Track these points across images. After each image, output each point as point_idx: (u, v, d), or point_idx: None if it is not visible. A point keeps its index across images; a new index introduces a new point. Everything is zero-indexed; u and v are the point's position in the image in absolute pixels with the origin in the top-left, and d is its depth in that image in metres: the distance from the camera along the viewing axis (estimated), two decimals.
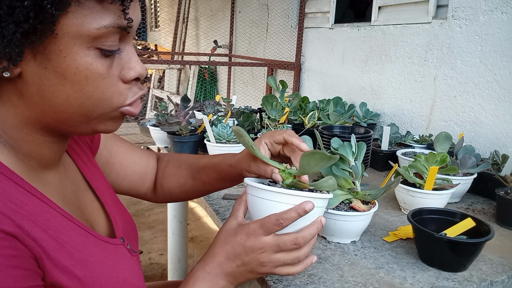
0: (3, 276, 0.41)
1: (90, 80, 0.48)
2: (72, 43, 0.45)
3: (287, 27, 2.81)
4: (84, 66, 0.47)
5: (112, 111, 0.52)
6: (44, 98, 0.48)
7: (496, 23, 1.39)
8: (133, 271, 0.61)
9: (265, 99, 1.63)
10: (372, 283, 0.74)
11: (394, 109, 1.84)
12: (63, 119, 0.50)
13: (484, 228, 0.80)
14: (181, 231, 1.89)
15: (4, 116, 0.49)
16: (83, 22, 0.45)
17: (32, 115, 0.49)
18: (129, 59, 0.51)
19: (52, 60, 0.46)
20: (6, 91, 0.48)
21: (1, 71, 0.45)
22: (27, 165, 0.51)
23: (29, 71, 0.46)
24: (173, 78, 5.14)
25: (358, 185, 0.88)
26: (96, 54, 0.47)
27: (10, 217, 0.43)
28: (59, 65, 0.46)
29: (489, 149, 1.42)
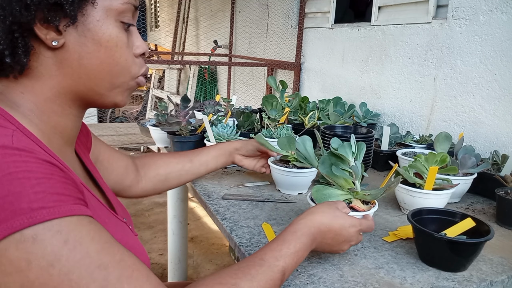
0: (59, 187, 0.47)
1: (119, 48, 0.58)
2: (105, 15, 0.56)
3: (287, 27, 2.81)
4: (115, 34, 0.58)
5: (130, 79, 0.62)
6: (82, 64, 0.57)
7: (496, 23, 1.39)
8: (137, 242, 0.67)
9: (265, 99, 1.63)
10: (372, 283, 0.74)
11: (394, 109, 1.84)
12: (94, 85, 0.59)
13: (484, 228, 0.80)
14: (181, 231, 1.89)
15: (39, 90, 0.56)
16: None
17: (67, 84, 0.57)
18: (136, 38, 0.63)
19: (91, 29, 0.56)
20: (45, 65, 0.56)
21: (50, 41, 0.53)
22: (51, 139, 0.58)
23: (72, 40, 0.55)
24: (173, 78, 5.14)
25: (358, 185, 0.88)
26: (120, 27, 0.59)
27: (52, 157, 0.50)
28: (96, 33, 0.56)
29: (489, 149, 1.42)
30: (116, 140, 2.91)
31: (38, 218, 0.43)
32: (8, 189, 0.43)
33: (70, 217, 0.46)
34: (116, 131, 3.15)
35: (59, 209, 0.45)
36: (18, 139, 0.48)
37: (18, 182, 0.44)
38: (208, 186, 1.19)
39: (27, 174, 0.44)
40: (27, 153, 0.46)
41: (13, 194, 0.43)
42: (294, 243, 0.66)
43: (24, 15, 0.51)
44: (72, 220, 0.46)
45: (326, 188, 0.87)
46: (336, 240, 0.73)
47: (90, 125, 3.41)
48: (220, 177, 1.29)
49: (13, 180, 0.43)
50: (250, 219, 0.98)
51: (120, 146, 3.02)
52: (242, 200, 1.09)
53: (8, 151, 0.45)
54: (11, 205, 0.43)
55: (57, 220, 0.45)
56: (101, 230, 0.50)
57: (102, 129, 3.22)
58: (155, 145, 3.06)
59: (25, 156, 0.46)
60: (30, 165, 0.45)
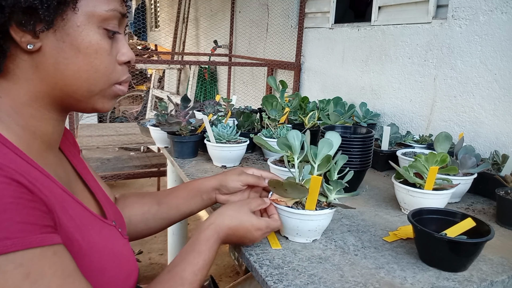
0: (26, 214, 0.45)
1: (99, 55, 0.57)
2: (87, 20, 0.55)
3: (287, 27, 2.81)
4: (95, 41, 0.56)
5: (109, 86, 0.60)
6: (58, 70, 0.55)
7: (496, 23, 1.39)
8: (126, 247, 0.66)
9: (265, 99, 1.63)
10: (372, 283, 0.74)
11: (394, 109, 1.84)
12: (71, 92, 0.57)
13: (484, 228, 0.80)
14: (181, 231, 1.89)
15: (16, 94, 0.55)
16: (97, 4, 0.55)
17: (44, 88, 0.56)
18: (122, 45, 0.61)
19: (70, 34, 0.54)
20: (21, 68, 0.54)
21: (25, 44, 0.52)
22: (31, 144, 0.56)
23: (49, 44, 0.53)
24: (173, 78, 5.14)
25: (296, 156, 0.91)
26: (103, 34, 0.57)
27: (22, 174, 0.48)
28: (76, 39, 0.54)
29: (489, 149, 1.42)
30: (116, 140, 2.91)
31: (1, 249, 0.42)
32: None
33: (34, 249, 0.45)
34: (116, 131, 3.15)
35: (23, 240, 0.44)
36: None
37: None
38: None
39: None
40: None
41: None
42: (209, 253, 0.72)
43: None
44: (35, 253, 0.45)
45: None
46: (241, 240, 0.80)
47: (90, 125, 3.41)
48: None
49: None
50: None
51: (120, 146, 3.02)
52: None
53: None
54: None
55: (20, 252, 0.44)
56: (65, 262, 0.49)
57: (102, 129, 3.22)
58: (155, 145, 3.06)
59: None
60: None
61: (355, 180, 1.20)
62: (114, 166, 2.73)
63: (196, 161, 1.44)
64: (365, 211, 1.07)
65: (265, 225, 0.80)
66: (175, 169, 1.48)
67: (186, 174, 1.30)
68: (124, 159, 2.88)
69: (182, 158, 1.46)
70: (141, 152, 3.35)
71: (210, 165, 1.40)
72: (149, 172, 2.77)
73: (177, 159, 1.45)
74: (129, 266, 0.64)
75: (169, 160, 1.55)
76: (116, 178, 2.63)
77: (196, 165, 1.40)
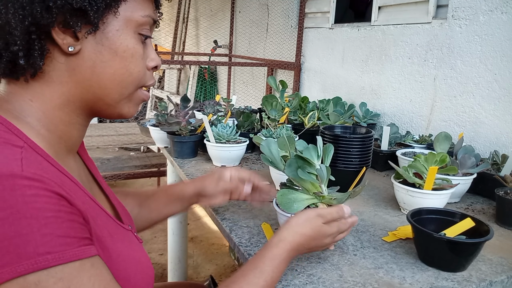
0: (66, 227, 0.46)
1: (134, 59, 0.58)
2: (125, 25, 0.56)
3: (287, 27, 2.81)
4: (132, 45, 0.57)
5: (136, 90, 0.61)
6: (95, 73, 0.56)
7: (496, 23, 1.39)
8: (144, 253, 0.66)
9: (265, 99, 1.63)
10: (371, 283, 0.74)
11: (394, 109, 1.84)
12: (103, 96, 0.58)
13: (484, 228, 0.80)
14: (181, 231, 1.89)
15: (48, 97, 0.55)
16: (134, 10, 0.57)
17: (77, 92, 0.56)
18: (151, 51, 0.62)
19: (109, 38, 0.55)
20: (57, 71, 0.55)
21: (67, 46, 0.53)
22: (56, 149, 0.56)
23: (88, 47, 0.54)
24: (173, 78, 5.14)
25: (325, 188, 0.84)
26: (138, 38, 0.59)
27: (60, 186, 0.48)
28: (114, 43, 0.56)
29: (489, 149, 1.42)
30: (116, 140, 2.91)
31: (43, 264, 0.43)
32: (15, 230, 0.42)
33: (74, 262, 0.46)
34: (116, 131, 3.15)
35: (64, 254, 0.45)
36: (28, 163, 0.46)
37: (26, 223, 0.43)
38: None
39: (36, 212, 0.44)
40: (37, 184, 0.45)
41: (20, 236, 0.42)
42: (272, 273, 0.65)
43: (45, 17, 0.50)
44: (75, 266, 0.46)
45: (292, 192, 0.83)
46: (311, 250, 0.74)
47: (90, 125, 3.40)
48: None
49: (21, 219, 0.43)
50: (250, 219, 0.98)
51: (120, 146, 3.02)
52: (242, 200, 1.09)
53: (18, 181, 0.44)
54: (17, 248, 0.42)
55: (60, 267, 0.45)
56: (102, 274, 0.50)
57: (102, 129, 3.22)
58: (155, 145, 3.06)
59: (35, 188, 0.45)
60: (39, 200, 0.44)
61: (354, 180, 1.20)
62: (114, 166, 2.73)
63: (196, 161, 1.44)
64: (364, 211, 1.07)
65: (335, 230, 0.74)
66: (175, 169, 1.48)
67: (186, 174, 1.30)
68: (124, 159, 2.88)
69: (182, 158, 1.46)
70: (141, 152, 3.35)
71: (210, 165, 1.40)
72: (149, 172, 2.77)
73: (177, 159, 1.45)
74: (149, 271, 0.64)
75: (169, 160, 1.55)
76: (116, 178, 2.63)
77: (196, 165, 1.40)
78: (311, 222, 0.71)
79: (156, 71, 0.65)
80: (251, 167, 1.41)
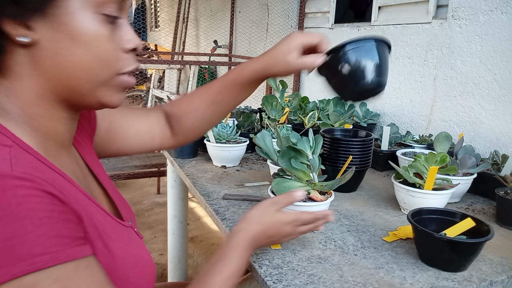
0: (60, 227, 0.45)
1: (98, 41, 0.52)
2: (81, 6, 0.50)
3: (287, 27, 2.81)
4: (93, 28, 0.51)
5: (114, 76, 0.55)
6: (57, 62, 0.51)
7: (496, 23, 1.39)
8: (144, 250, 0.65)
9: (265, 99, 1.63)
10: (371, 283, 0.74)
11: (394, 109, 1.84)
12: (74, 86, 0.53)
13: (484, 228, 0.80)
14: (181, 231, 1.89)
15: (19, 92, 0.52)
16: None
17: (46, 84, 0.52)
18: (126, 31, 0.56)
19: (65, 23, 0.50)
20: (20, 64, 0.51)
21: (19, 37, 0.48)
22: (45, 146, 0.54)
23: (45, 36, 0.50)
24: (173, 78, 5.14)
25: (316, 177, 0.94)
26: (101, 19, 0.52)
27: (52, 184, 0.47)
28: (72, 28, 0.50)
29: (489, 149, 1.42)
30: None
31: (39, 264, 0.43)
32: (9, 231, 0.42)
33: (69, 262, 0.45)
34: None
35: (59, 254, 0.44)
36: (17, 162, 0.45)
37: (20, 224, 0.42)
38: (208, 186, 1.19)
39: (29, 213, 0.43)
40: (28, 183, 0.44)
41: (14, 237, 0.42)
42: (237, 259, 0.69)
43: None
44: (70, 267, 0.46)
45: (286, 181, 0.93)
46: (274, 241, 0.76)
47: None
48: (220, 177, 1.28)
49: (15, 220, 0.42)
50: None
51: None
52: (242, 200, 1.09)
53: (8, 181, 0.43)
54: (13, 249, 0.42)
55: (56, 267, 0.44)
56: (98, 273, 0.49)
57: None
58: None
59: (26, 188, 0.44)
60: (31, 200, 0.44)
61: (354, 180, 1.21)
62: (114, 166, 2.73)
63: (196, 161, 1.44)
64: (364, 211, 1.07)
65: (292, 218, 0.75)
66: (175, 169, 1.48)
67: (186, 174, 1.30)
68: (124, 159, 2.88)
69: (182, 158, 1.46)
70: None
71: (210, 165, 1.40)
72: (149, 172, 2.77)
73: (177, 159, 1.45)
74: (149, 268, 0.64)
75: (169, 160, 1.55)
76: (116, 178, 2.63)
77: (196, 165, 1.40)
78: (265, 210, 0.75)
79: (137, 52, 0.59)
80: (251, 167, 1.42)
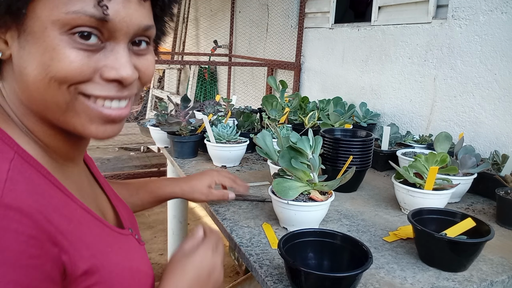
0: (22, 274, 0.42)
1: (56, 61, 0.47)
2: (44, 25, 0.47)
3: (287, 27, 2.81)
4: (51, 47, 0.47)
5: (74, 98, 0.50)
6: (20, 79, 0.49)
7: (496, 23, 1.39)
8: (143, 259, 0.64)
9: (265, 99, 1.63)
10: (372, 283, 0.74)
11: (394, 109, 1.84)
12: (41, 105, 0.50)
13: (484, 228, 0.80)
14: (181, 231, 1.89)
15: (11, 99, 0.52)
16: (54, 6, 0.46)
17: (23, 98, 0.51)
18: (115, 59, 0.50)
19: (29, 41, 0.48)
20: (7, 73, 0.51)
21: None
22: (50, 157, 0.53)
23: (14, 52, 0.49)
24: (173, 78, 5.14)
25: (316, 177, 0.93)
26: (68, 41, 0.47)
27: (41, 212, 0.44)
28: (33, 46, 0.48)
29: (489, 149, 1.42)
30: (116, 140, 2.91)
31: None
32: None
33: None
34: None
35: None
36: (11, 186, 0.43)
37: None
38: None
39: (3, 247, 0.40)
40: (12, 214, 0.42)
41: None
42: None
43: None
44: None
45: (286, 181, 0.91)
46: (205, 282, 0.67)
47: None
48: None
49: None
50: (251, 219, 0.98)
51: (120, 146, 3.02)
52: (242, 200, 1.09)
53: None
54: None
55: None
56: None
57: None
58: (155, 145, 3.06)
59: (8, 220, 0.41)
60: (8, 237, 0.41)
61: (355, 180, 1.21)
62: (114, 166, 2.73)
63: (196, 161, 1.44)
64: (365, 211, 1.07)
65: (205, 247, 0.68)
66: (175, 169, 1.48)
67: (186, 174, 1.30)
68: (124, 159, 2.88)
69: (182, 158, 1.46)
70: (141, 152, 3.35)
71: (210, 165, 1.40)
72: (149, 172, 2.77)
73: (177, 159, 1.45)
74: (147, 280, 0.62)
75: (169, 160, 1.55)
76: (116, 178, 2.63)
77: (196, 165, 1.40)
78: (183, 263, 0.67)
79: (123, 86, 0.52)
80: (252, 167, 1.41)
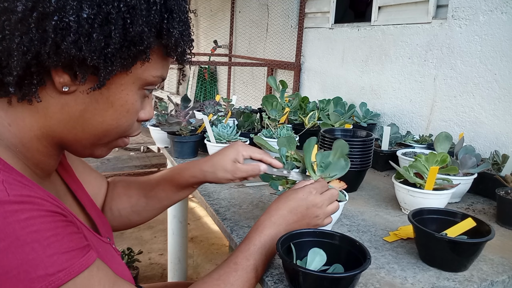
0: (67, 242, 0.47)
1: (129, 113, 0.56)
2: (132, 81, 0.53)
3: (287, 27, 2.81)
4: (131, 102, 0.55)
5: (117, 139, 0.59)
6: (83, 116, 0.53)
7: (496, 23, 1.39)
8: (124, 266, 0.67)
9: (265, 99, 1.63)
10: (372, 283, 0.74)
11: (394, 109, 1.84)
12: (83, 139, 0.56)
13: (485, 228, 0.80)
14: (181, 231, 1.89)
15: (29, 126, 0.52)
16: (146, 69, 0.54)
17: (59, 129, 0.54)
18: (148, 103, 0.60)
19: (111, 89, 0.52)
20: (45, 103, 0.52)
21: (62, 85, 0.50)
22: (33, 173, 0.55)
23: (85, 91, 0.51)
24: (173, 78, 5.14)
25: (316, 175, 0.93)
26: (141, 95, 0.56)
27: (47, 200, 0.48)
28: (114, 95, 0.53)
29: (489, 149, 1.42)
30: None
31: (56, 283, 0.44)
32: (21, 258, 0.42)
33: (83, 272, 0.47)
34: None
35: (73, 268, 0.46)
36: (10, 186, 0.45)
37: (29, 248, 0.43)
38: (209, 186, 1.19)
39: (35, 235, 0.44)
40: (28, 206, 0.44)
41: (27, 262, 0.43)
42: (259, 238, 0.70)
43: (51, 59, 0.47)
44: (84, 275, 0.47)
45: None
46: (302, 214, 0.74)
47: None
48: None
49: (23, 246, 0.43)
50: (251, 219, 0.98)
51: None
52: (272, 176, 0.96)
53: (8, 207, 0.43)
54: (28, 274, 0.43)
55: (72, 281, 0.46)
56: (107, 272, 0.52)
57: None
58: (155, 145, 3.06)
59: (27, 211, 0.44)
60: (34, 222, 0.44)
61: (355, 180, 1.21)
62: (114, 166, 2.73)
63: None
64: (365, 211, 1.07)
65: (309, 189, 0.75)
66: None
67: None
68: (124, 159, 2.88)
69: (182, 158, 1.46)
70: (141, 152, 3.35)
71: None
72: (149, 172, 2.77)
73: (177, 159, 1.45)
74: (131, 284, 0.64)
75: (169, 160, 1.55)
76: None
77: None
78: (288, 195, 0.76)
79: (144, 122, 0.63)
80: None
